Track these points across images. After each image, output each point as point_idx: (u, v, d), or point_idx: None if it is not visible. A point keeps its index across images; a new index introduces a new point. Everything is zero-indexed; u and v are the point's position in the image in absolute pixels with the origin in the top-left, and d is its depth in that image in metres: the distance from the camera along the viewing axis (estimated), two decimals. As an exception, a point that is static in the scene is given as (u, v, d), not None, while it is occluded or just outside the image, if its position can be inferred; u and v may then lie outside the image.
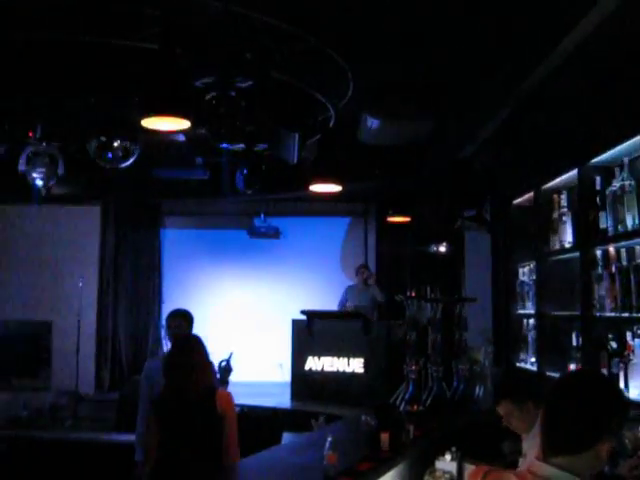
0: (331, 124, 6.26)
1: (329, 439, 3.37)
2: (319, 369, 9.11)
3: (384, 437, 4.26)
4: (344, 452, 3.63)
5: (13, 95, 5.80)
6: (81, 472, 7.00)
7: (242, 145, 5.93)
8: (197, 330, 5.79)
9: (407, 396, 6.07)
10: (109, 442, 7.14)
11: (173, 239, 11.41)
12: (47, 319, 10.43)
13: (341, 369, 9.02)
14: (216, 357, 5.85)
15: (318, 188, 6.03)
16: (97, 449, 7.21)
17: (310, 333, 9.23)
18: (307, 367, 9.16)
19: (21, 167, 7.07)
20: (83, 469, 7.02)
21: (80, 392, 9.30)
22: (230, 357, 5.58)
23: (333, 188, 6.04)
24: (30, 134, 6.89)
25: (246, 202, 10.22)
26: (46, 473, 7.07)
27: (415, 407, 5.72)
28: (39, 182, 7.30)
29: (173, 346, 4.70)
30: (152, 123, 4.10)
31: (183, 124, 4.01)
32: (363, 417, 4.88)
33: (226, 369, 5.62)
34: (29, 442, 7.54)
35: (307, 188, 5.96)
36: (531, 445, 4.10)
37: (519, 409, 4.00)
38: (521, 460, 4.31)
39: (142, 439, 5.31)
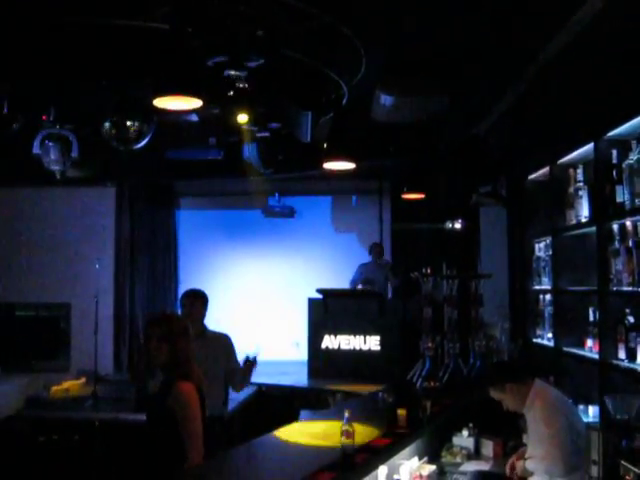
0: (344, 102, 6.23)
1: (346, 415, 3.39)
2: (335, 347, 9.17)
3: (401, 413, 4.28)
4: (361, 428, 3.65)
5: (26, 78, 5.81)
6: (101, 451, 7.08)
7: (255, 124, 5.95)
8: (213, 310, 5.79)
9: (424, 373, 6.09)
10: (128, 422, 7.20)
11: (188, 220, 11.45)
12: (65, 301, 10.53)
13: (357, 347, 9.08)
14: (233, 335, 5.87)
15: (332, 166, 6.00)
16: (117, 429, 7.28)
17: (326, 311, 9.28)
18: (324, 345, 9.22)
19: (35, 150, 7.09)
20: (103, 448, 7.10)
21: (99, 373, 9.38)
22: (257, 353, 5.39)
23: (347, 166, 6.01)
24: (44, 117, 6.90)
25: (260, 181, 10.21)
26: (67, 453, 7.15)
27: (432, 384, 5.74)
28: (54, 165, 7.32)
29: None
30: (164, 102, 4.09)
31: (195, 103, 4.00)
32: (380, 394, 4.91)
33: (249, 363, 5.44)
34: (50, 422, 7.61)
35: (321, 166, 5.93)
36: (529, 419, 4.20)
37: (503, 393, 4.15)
38: (525, 436, 4.36)
39: None
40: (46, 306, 10.67)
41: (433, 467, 4.27)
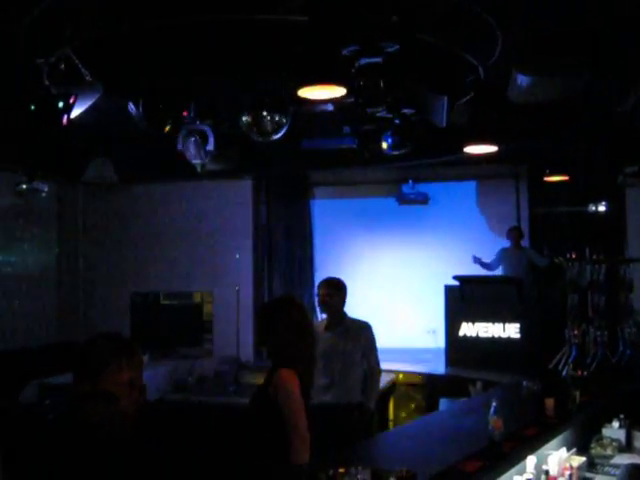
0: (480, 84, 6.08)
1: (494, 404, 3.32)
2: (473, 335, 9.04)
3: (549, 402, 4.16)
4: (508, 417, 3.57)
5: (168, 77, 6.04)
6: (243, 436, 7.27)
7: (390, 111, 5.91)
8: (351, 297, 5.82)
9: (570, 361, 5.89)
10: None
11: (323, 209, 11.57)
12: (208, 290, 10.94)
13: (496, 335, 8.91)
14: (371, 322, 5.88)
15: (473, 150, 5.89)
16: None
17: (463, 299, 9.15)
18: (461, 333, 9.11)
19: (178, 146, 7.37)
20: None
21: (240, 359, 9.66)
22: None
23: (488, 149, 5.88)
24: (185, 113, 7.16)
25: (394, 169, 10.17)
26: (212, 436, 7.41)
27: (579, 372, 5.54)
28: (195, 159, 7.59)
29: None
30: (308, 93, 4.13)
31: (339, 91, 4.03)
32: (525, 382, 4.79)
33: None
34: (196, 407, 7.92)
35: (462, 150, 5.83)
36: None
37: None
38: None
39: None
40: (189, 295, 11.13)
41: (583, 459, 4.12)
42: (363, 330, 5.71)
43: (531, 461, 3.52)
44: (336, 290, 5.66)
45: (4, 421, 6.73)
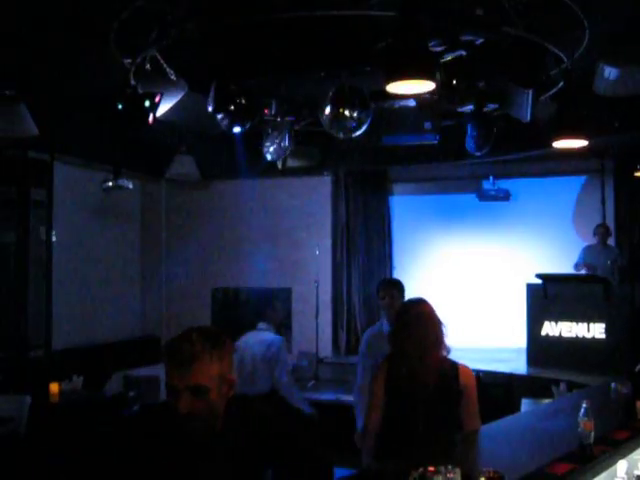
0: (568, 77, 5.93)
1: (584, 405, 3.22)
2: (556, 334, 8.84)
3: (640, 406, 4.02)
4: (597, 420, 3.46)
5: (252, 75, 6.10)
6: (324, 430, 7.31)
7: (473, 105, 5.83)
8: (429, 295, 5.74)
9: (661, 363, 5.68)
10: (348, 403, 7.39)
11: (401, 205, 11.48)
12: (287, 286, 11.01)
13: (580, 335, 8.68)
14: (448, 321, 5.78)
15: (562, 145, 5.72)
16: (338, 409, 7.49)
17: (546, 297, 8.95)
18: (544, 332, 8.92)
19: (259, 143, 7.46)
20: (326, 427, 7.33)
21: (319, 355, 9.70)
22: None
23: (578, 144, 5.70)
24: (266, 111, 7.23)
25: (474, 165, 10.01)
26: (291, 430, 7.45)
27: (671, 374, 5.33)
28: (275, 156, 7.66)
29: (399, 315, 4.20)
30: (397, 88, 4.08)
31: (428, 86, 3.97)
32: (613, 384, 4.64)
33: None
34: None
35: (548, 145, 5.68)
36: None
37: None
38: None
39: (363, 408, 4.97)
40: (269, 291, 11.23)
41: (677, 464, 3.96)
42: None
43: (622, 465, 3.41)
44: (400, 292, 5.57)
45: (91, 412, 6.94)
